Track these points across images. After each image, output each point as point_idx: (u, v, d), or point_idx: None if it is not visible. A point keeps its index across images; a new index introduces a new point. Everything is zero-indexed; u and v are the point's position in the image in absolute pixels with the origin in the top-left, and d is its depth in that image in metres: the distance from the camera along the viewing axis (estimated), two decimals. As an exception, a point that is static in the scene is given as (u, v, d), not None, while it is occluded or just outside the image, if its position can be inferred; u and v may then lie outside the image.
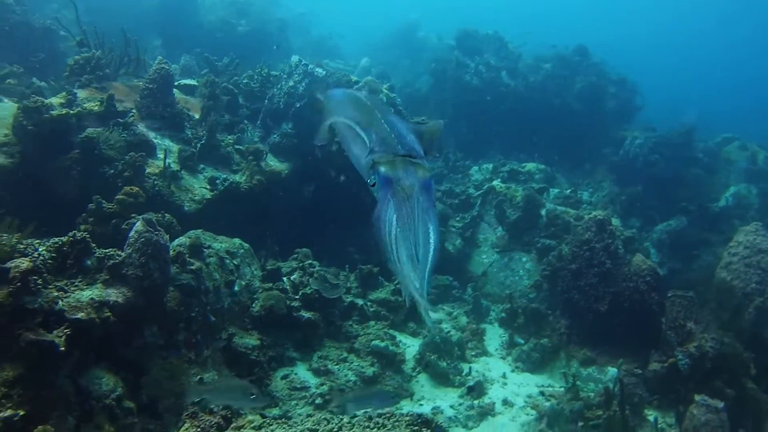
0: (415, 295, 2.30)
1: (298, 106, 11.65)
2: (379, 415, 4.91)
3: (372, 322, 9.81)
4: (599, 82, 20.23)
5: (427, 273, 2.35)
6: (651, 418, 8.32)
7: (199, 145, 10.25)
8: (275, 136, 11.58)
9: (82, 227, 7.62)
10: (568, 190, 15.38)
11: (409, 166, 2.51)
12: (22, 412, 5.27)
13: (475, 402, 8.61)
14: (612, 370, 9.52)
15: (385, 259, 2.49)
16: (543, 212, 13.24)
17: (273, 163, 11.17)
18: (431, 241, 2.39)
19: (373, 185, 2.54)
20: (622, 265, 10.53)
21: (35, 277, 5.70)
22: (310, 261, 9.61)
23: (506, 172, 15.48)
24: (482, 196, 14.17)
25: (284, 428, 4.68)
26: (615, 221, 11.23)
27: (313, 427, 4.46)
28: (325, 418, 4.81)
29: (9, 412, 5.23)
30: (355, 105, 3.01)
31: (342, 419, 4.81)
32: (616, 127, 19.76)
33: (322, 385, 8.17)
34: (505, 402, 8.82)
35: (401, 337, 9.93)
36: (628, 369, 9.23)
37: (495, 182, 14.45)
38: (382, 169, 2.51)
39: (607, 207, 15.47)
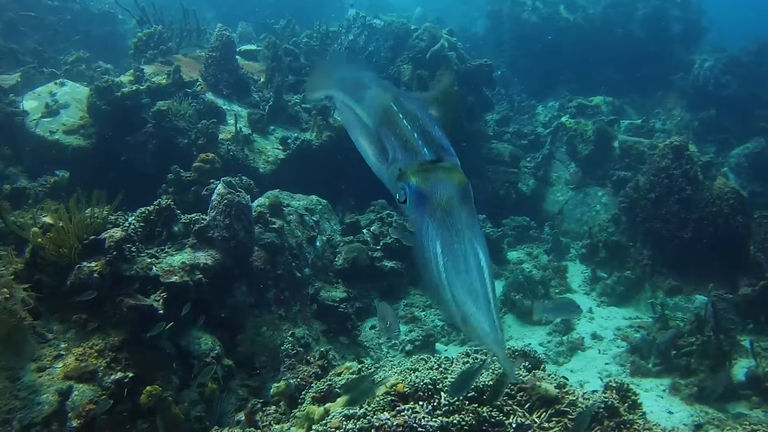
0: (490, 346, 1.78)
1: (360, 59, 11.63)
2: (476, 351, 4.96)
3: (454, 268, 9.84)
4: (662, 6, 19.36)
5: (494, 309, 1.82)
6: (746, 343, 8.13)
7: (267, 107, 10.38)
8: (340, 91, 11.60)
9: (165, 197, 7.85)
10: (639, 120, 14.95)
11: (443, 173, 2.08)
12: (130, 374, 5.54)
13: (564, 338, 8.58)
14: (700, 298, 9.31)
15: (437, 302, 2.17)
16: (616, 144, 12.94)
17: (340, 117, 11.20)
18: (485, 269, 1.90)
19: (404, 202, 2.11)
20: (702, 191, 10.21)
21: (129, 245, 5.93)
22: (387, 211, 9.68)
23: (573, 107, 15.15)
24: (552, 133, 13.93)
25: (384, 370, 4.76)
26: (691, 147, 10.87)
27: (413, 366, 4.54)
28: (422, 359, 4.88)
29: (119, 375, 5.50)
30: (364, 89, 2.58)
31: (440, 357, 4.87)
32: (684, 51, 18.95)
33: (410, 332, 8.28)
34: (595, 336, 8.77)
35: (484, 280, 9.93)
36: (718, 295, 9.01)
37: (563, 118, 14.17)
38: (413, 182, 2.06)
39: (681, 134, 14.97)
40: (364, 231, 9.33)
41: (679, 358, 7.80)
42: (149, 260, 6.05)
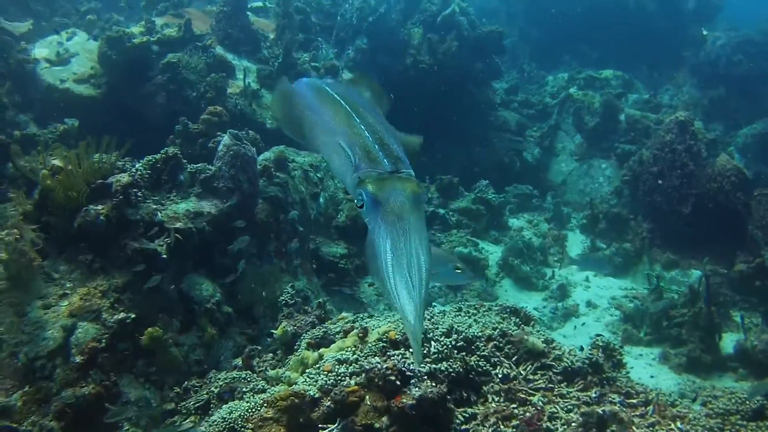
0: (410, 334, 2.08)
1: (371, 20, 11.63)
2: (469, 306, 5.10)
3: (454, 231, 10.00)
4: (676, -20, 19.16)
5: (421, 306, 2.10)
6: (737, 317, 8.26)
7: (276, 63, 10.43)
8: (350, 51, 11.65)
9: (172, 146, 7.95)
10: (647, 95, 14.92)
11: (398, 182, 2.30)
12: (133, 315, 5.70)
13: (560, 304, 8.73)
14: (696, 273, 9.43)
15: (383, 292, 2.31)
16: (622, 117, 12.96)
17: (349, 77, 11.25)
18: (423, 267, 2.15)
19: (361, 206, 2.31)
20: (705, 167, 10.28)
21: (135, 191, 6.06)
22: (391, 171, 9.76)
23: (582, 79, 15.13)
24: (559, 104, 13.95)
25: (377, 320, 4.91)
26: (697, 124, 10.89)
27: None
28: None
29: (122, 315, 5.66)
30: (330, 106, 2.73)
31: (432, 310, 5.02)
32: (696, 28, 18.79)
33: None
34: (589, 304, 8.92)
35: (483, 244, 10.08)
36: (714, 269, 9.12)
37: (572, 90, 14.17)
38: (370, 188, 2.29)
39: (688, 110, 14.94)
40: (368, 189, 9.42)
41: (670, 329, 7.95)
42: (154, 206, 6.17)
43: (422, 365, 3.36)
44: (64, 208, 5.80)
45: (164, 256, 5.91)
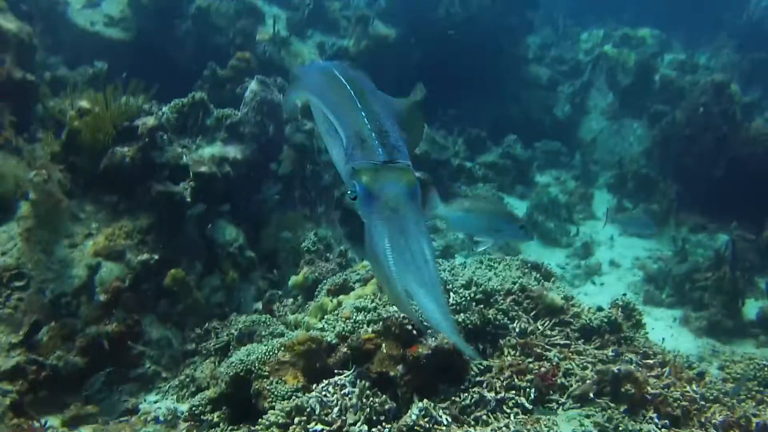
0: (444, 332, 1.94)
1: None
2: (490, 260, 5.08)
3: (480, 184, 9.95)
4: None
5: (442, 298, 1.95)
6: (761, 284, 8.16)
7: (306, 11, 10.32)
8: (381, 0, 11.46)
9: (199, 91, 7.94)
10: (684, 56, 14.54)
11: (393, 173, 2.17)
12: (156, 256, 5.78)
13: (583, 262, 8.69)
14: (723, 237, 9.30)
15: (390, 296, 2.16)
16: (656, 77, 12.66)
17: (380, 28, 11.10)
18: (428, 260, 2.02)
19: (354, 198, 2.19)
20: (739, 131, 10.04)
21: (161, 134, 6.08)
22: (419, 123, 9.68)
23: (618, 37, 14.76)
24: (593, 61, 13.67)
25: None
26: (734, 87, 10.61)
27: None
28: (437, 262, 5.02)
29: (146, 256, 5.74)
30: (334, 89, 2.60)
31: (453, 262, 5.01)
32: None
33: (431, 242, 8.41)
34: (612, 263, 8.85)
35: (509, 199, 10.02)
36: (741, 234, 8.98)
37: (606, 47, 13.85)
38: (364, 179, 2.16)
39: (725, 73, 14.55)
40: (395, 140, 9.38)
41: (693, 292, 7.87)
42: (180, 150, 6.20)
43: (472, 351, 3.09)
44: (90, 150, 5.85)
45: (188, 199, 5.95)
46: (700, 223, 9.81)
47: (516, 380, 3.69)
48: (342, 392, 3.52)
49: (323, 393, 3.54)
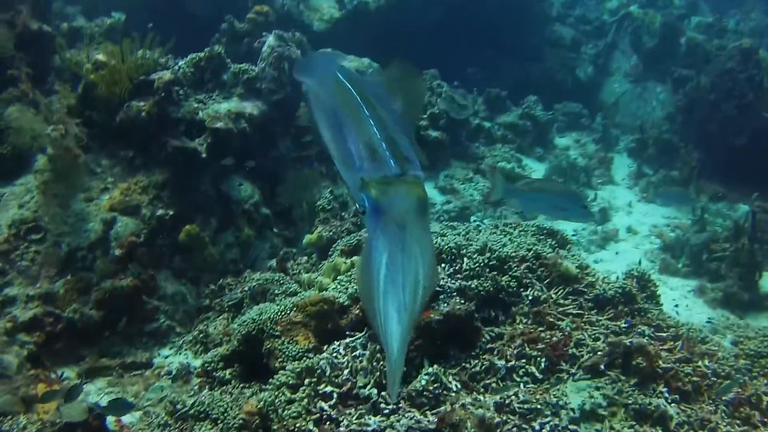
0: (390, 365, 1.85)
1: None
2: (506, 225, 5.04)
3: (499, 145, 9.84)
4: None
5: (407, 335, 1.88)
6: (781, 257, 8.05)
7: (326, -36, 10.14)
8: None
9: (216, 45, 7.86)
10: (712, 19, 14.16)
11: (403, 187, 2.06)
12: (171, 212, 5.80)
13: (599, 227, 8.61)
14: (743, 207, 9.15)
15: (367, 313, 2.00)
16: (682, 40, 12.34)
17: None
18: (420, 286, 1.94)
19: (363, 212, 2.09)
20: (766, 99, 9.82)
21: (177, 88, 6.04)
22: (438, 81, 9.56)
23: (645, -3, 14.41)
24: (617, 22, 13.34)
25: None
26: (762, 53, 10.34)
27: (441, 231, 4.66)
28: (451, 225, 5.00)
29: (161, 211, 5.76)
30: (338, 93, 2.45)
31: (468, 226, 4.98)
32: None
33: (447, 203, 8.39)
34: (630, 229, 8.75)
35: (527, 161, 9.91)
36: (762, 206, 8.84)
37: (632, 8, 13.50)
38: (374, 194, 2.06)
39: (754, 38, 14.17)
40: (414, 98, 9.26)
41: (709, 262, 7.78)
42: (196, 105, 6.16)
43: (397, 396, 3.08)
44: (106, 103, 5.84)
45: (204, 155, 5.93)
46: (720, 192, 9.65)
47: (527, 349, 3.68)
48: (353, 354, 3.53)
49: (334, 355, 3.55)
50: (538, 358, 3.65)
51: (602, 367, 3.62)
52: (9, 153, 5.75)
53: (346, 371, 3.42)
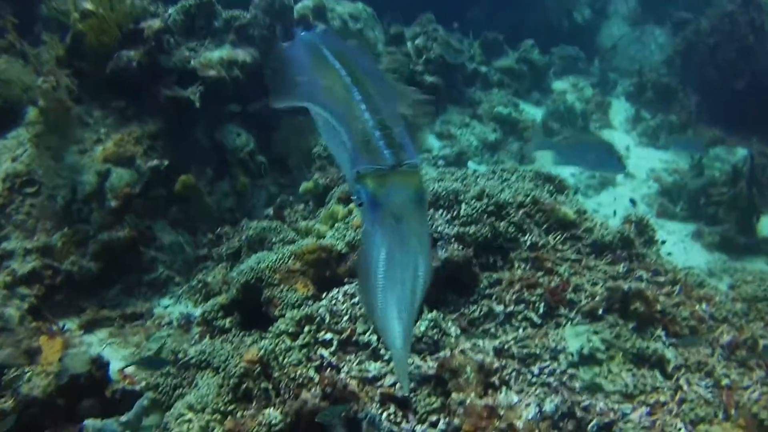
0: (396, 360, 1.87)
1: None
2: (503, 170, 5.02)
3: (495, 90, 9.74)
4: None
5: (410, 329, 1.89)
6: (778, 202, 8.04)
7: None
8: None
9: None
10: (712, -41, 13.92)
11: (400, 178, 2.01)
12: (166, 162, 5.75)
13: (596, 173, 8.58)
14: (741, 151, 9.11)
15: (367, 310, 2.01)
16: (682, -18, 12.18)
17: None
18: (420, 280, 1.91)
19: (360, 205, 2.05)
20: (766, 43, 9.69)
21: (168, 36, 5.93)
22: (434, 26, 9.40)
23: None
24: (615, -37, 13.12)
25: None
26: (763, -4, 10.17)
27: (439, 176, 4.63)
28: (449, 171, 4.97)
29: (155, 162, 5.71)
30: (326, 76, 2.37)
31: (466, 171, 4.95)
32: None
33: (444, 147, 8.34)
34: (627, 174, 8.73)
35: (524, 105, 9.81)
36: (761, 150, 8.81)
37: (630, -52, 13.25)
38: (370, 187, 2.01)
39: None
40: (408, 43, 9.12)
41: (707, 207, 7.80)
42: (188, 53, 6.05)
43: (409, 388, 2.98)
44: (96, 54, 5.73)
45: (197, 104, 5.85)
46: (719, 136, 9.60)
47: (525, 294, 3.70)
48: (352, 302, 3.54)
49: (333, 302, 3.56)
50: (537, 303, 3.67)
51: (600, 311, 3.65)
52: (-2, 106, 5.67)
53: (345, 318, 3.43)
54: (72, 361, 4.09)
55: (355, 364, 3.19)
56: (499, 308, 3.62)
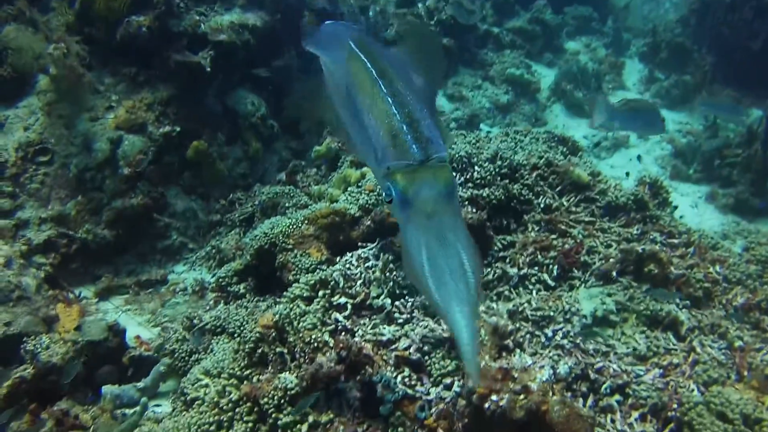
0: (465, 355, 1.81)
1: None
2: (516, 132, 4.98)
3: (507, 51, 9.61)
4: None
5: (474, 322, 1.85)
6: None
7: None
8: None
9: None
10: None
11: (429, 174, 2.00)
12: (178, 128, 5.74)
13: (610, 133, 8.50)
14: (756, 113, 8.98)
15: (433, 309, 1.98)
16: (697, -62, 11.90)
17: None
18: (467, 269, 1.89)
19: (390, 201, 2.04)
20: (784, 2, 9.50)
21: (177, 1, 5.87)
22: (445, -14, 9.27)
23: None
24: None
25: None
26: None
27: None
28: (461, 133, 4.94)
29: (167, 128, 5.71)
30: (354, 71, 2.33)
31: (478, 134, 4.91)
32: None
33: (456, 110, 8.29)
34: (640, 135, 8.65)
35: (537, 67, 9.69)
36: (776, 111, 8.69)
37: None
38: (400, 184, 2.00)
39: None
40: (419, 5, 9.00)
41: (721, 168, 7.72)
42: (197, 18, 6.00)
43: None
44: (105, 19, 5.69)
45: (208, 69, 5.82)
46: (734, 97, 9.46)
47: (539, 256, 3.70)
48: (365, 265, 3.55)
49: (347, 266, 3.57)
50: (550, 266, 3.67)
51: (614, 273, 3.64)
52: (9, 74, 5.64)
53: (359, 282, 3.45)
54: (89, 328, 4.14)
55: (369, 327, 3.22)
56: (513, 271, 3.62)
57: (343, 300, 3.36)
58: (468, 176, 4.00)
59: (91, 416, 3.72)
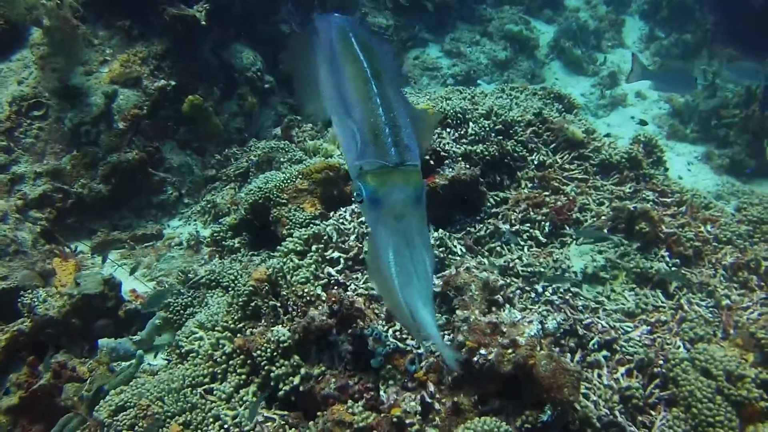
0: (434, 340, 1.92)
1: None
2: (512, 88, 4.95)
3: (506, 6, 9.51)
4: None
5: (434, 310, 1.98)
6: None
7: None
8: None
9: None
10: None
11: (400, 177, 2.08)
12: (173, 83, 5.70)
13: (608, 91, 8.46)
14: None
15: (390, 308, 2.14)
16: None
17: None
18: (428, 272, 2.01)
19: (361, 201, 2.10)
20: (788, -41, 9.34)
21: (171, -48, 5.78)
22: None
23: None
24: None
25: (417, 96, 4.81)
26: None
27: (446, 95, 4.57)
28: (457, 89, 4.91)
29: (162, 82, 5.66)
30: (349, 65, 2.35)
31: (474, 90, 4.88)
32: None
33: (454, 66, 8.24)
34: (639, 94, 8.60)
35: (536, 23, 9.60)
36: (776, 71, 8.62)
37: None
38: (371, 184, 2.08)
39: None
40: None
41: (718, 129, 7.70)
42: (192, -30, 5.92)
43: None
44: (98, -31, 5.60)
45: (203, 22, 5.75)
46: (734, 56, 9.37)
47: (531, 213, 3.72)
48: (359, 220, 3.57)
49: (340, 221, 3.59)
50: (543, 223, 3.69)
51: (606, 231, 3.67)
52: (2, 27, 5.58)
53: (352, 237, 3.47)
54: (85, 282, 4.17)
55: (361, 282, 3.25)
56: (505, 227, 3.65)
57: (336, 254, 3.39)
58: (462, 132, 4.00)
59: (88, 368, 3.77)
